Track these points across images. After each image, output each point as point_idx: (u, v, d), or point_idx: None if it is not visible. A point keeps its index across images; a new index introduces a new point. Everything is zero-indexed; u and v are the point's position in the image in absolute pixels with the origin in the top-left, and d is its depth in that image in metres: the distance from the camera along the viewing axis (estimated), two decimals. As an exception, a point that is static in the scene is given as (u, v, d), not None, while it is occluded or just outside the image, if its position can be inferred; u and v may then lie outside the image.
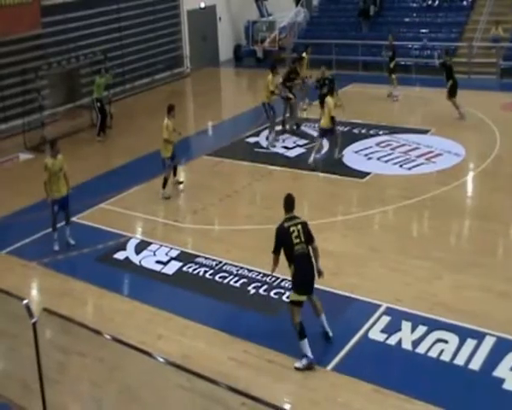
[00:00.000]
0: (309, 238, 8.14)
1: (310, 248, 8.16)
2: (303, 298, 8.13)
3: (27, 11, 18.94)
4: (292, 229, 8.08)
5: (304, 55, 19.33)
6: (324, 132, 14.93)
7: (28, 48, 19.36)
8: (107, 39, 21.81)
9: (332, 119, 14.71)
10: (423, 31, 24.27)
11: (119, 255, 11.23)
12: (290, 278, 8.35)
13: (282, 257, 10.10)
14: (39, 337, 6.89)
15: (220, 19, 27.28)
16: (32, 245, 11.92)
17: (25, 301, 6.94)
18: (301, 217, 8.44)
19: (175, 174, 14.07)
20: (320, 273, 8.34)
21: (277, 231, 8.19)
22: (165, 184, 13.52)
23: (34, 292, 10.72)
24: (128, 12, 22.78)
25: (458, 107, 17.32)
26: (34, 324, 6.81)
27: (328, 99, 14.81)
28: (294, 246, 8.01)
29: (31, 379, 7.44)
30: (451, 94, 17.34)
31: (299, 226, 8.12)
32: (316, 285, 9.54)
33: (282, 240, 8.10)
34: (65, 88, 20.25)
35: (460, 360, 7.91)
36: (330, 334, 8.46)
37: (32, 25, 19.20)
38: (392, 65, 20.10)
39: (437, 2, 24.94)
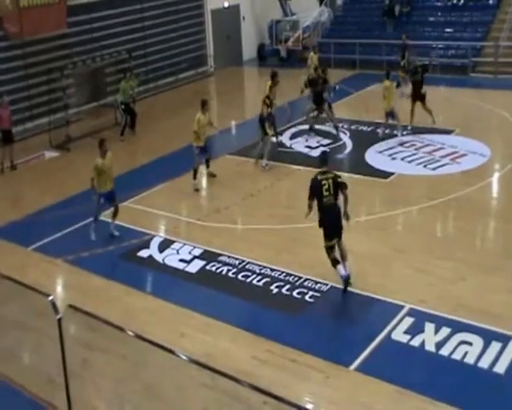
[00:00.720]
0: (341, 188, 9.37)
1: (339, 197, 9.41)
2: (333, 242, 9.46)
3: (54, 11, 19.19)
4: (323, 182, 9.28)
5: (311, 54, 19.19)
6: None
7: (54, 47, 19.58)
8: (131, 38, 21.97)
9: None
10: (448, 30, 24.08)
11: (143, 253, 11.31)
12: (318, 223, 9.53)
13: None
14: (64, 333, 6.96)
15: (244, 18, 27.32)
16: (58, 242, 12.05)
17: (50, 298, 7.02)
18: (333, 172, 9.55)
19: (207, 166, 14.39)
20: (347, 218, 9.56)
21: (311, 182, 9.40)
22: (195, 175, 13.87)
23: (59, 288, 10.84)
24: (152, 11, 22.92)
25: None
26: (59, 320, 6.88)
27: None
28: (323, 198, 9.26)
29: (55, 374, 7.54)
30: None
31: (330, 180, 9.29)
32: (340, 286, 9.60)
33: (314, 190, 9.29)
34: (89, 87, 20.45)
35: (484, 363, 7.82)
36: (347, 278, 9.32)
37: (58, 24, 19.43)
38: (402, 63, 19.99)
39: (462, 2, 24.69)
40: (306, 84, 17.34)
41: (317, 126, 17.41)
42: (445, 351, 8.10)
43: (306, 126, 17.38)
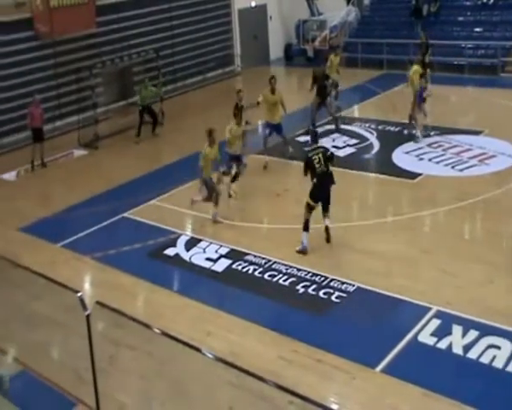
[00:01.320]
0: (330, 161, 10.97)
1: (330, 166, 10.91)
2: (315, 205, 10.90)
3: (83, 11, 19.39)
4: (314, 157, 10.79)
5: (332, 56, 19.10)
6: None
7: (83, 47, 19.79)
8: (158, 38, 22.10)
9: None
10: (477, 30, 23.82)
11: (170, 251, 11.38)
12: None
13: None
14: (91, 329, 7.04)
15: (271, 18, 27.31)
16: (86, 239, 12.19)
17: (79, 294, 7.10)
18: (324, 146, 11.41)
19: (233, 179, 13.68)
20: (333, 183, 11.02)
21: (305, 162, 10.89)
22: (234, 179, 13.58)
23: (87, 285, 10.96)
24: (179, 11, 23.03)
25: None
26: (88, 316, 6.96)
27: None
28: (316, 169, 10.75)
29: (83, 370, 7.64)
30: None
31: (320, 154, 10.83)
32: (367, 286, 9.58)
33: (309, 167, 10.79)
34: (118, 86, 20.64)
35: (513, 367, 7.75)
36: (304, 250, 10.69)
37: (87, 24, 19.64)
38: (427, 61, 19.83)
39: (492, 1, 24.38)
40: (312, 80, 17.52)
41: (345, 127, 17.37)
42: (472, 354, 8.02)
43: (332, 126, 17.34)
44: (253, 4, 26.31)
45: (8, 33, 17.91)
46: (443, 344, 8.27)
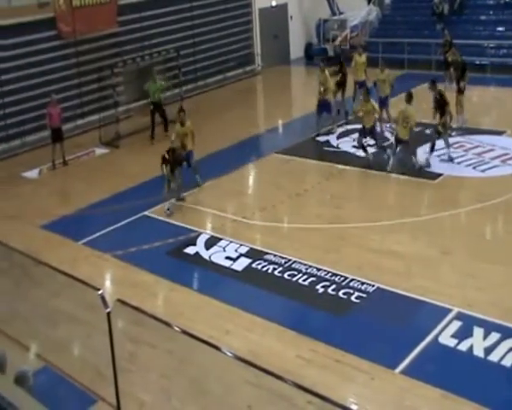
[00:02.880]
0: None
1: None
2: None
3: (105, 10, 19.54)
4: None
5: (356, 56, 19.00)
6: None
7: (105, 46, 19.91)
8: (179, 37, 22.14)
9: None
10: (500, 29, 23.59)
11: (190, 250, 11.43)
12: None
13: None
14: (112, 327, 7.09)
15: (291, 17, 27.26)
16: (107, 237, 12.27)
17: (100, 292, 7.16)
18: None
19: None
20: None
21: None
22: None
23: (108, 283, 11.04)
24: (200, 10, 23.05)
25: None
26: (108, 313, 7.01)
27: None
28: None
29: (104, 367, 7.69)
30: None
31: None
32: (386, 287, 9.54)
33: None
34: (139, 85, 20.71)
35: (535, 370, 7.68)
36: None
37: (109, 23, 19.77)
38: (450, 59, 19.67)
39: (515, 0, 24.17)
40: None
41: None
42: (494, 357, 7.96)
43: (355, 126, 17.27)
44: (274, 3, 26.29)
45: (32, 33, 18.06)
46: (464, 346, 8.21)
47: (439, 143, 14.70)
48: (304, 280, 10.06)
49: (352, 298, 9.47)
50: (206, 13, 23.26)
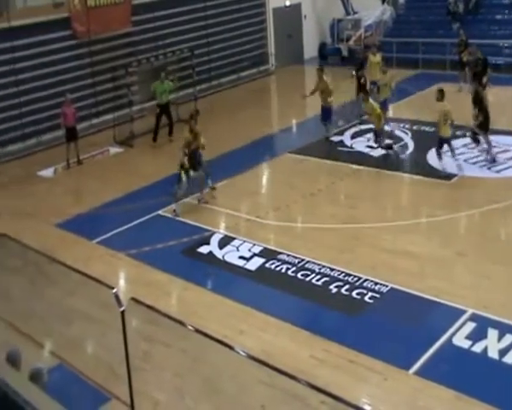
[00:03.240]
0: None
1: None
2: None
3: (119, 10, 19.63)
4: None
5: (371, 56, 18.91)
6: None
7: (119, 45, 20.00)
8: (193, 37, 22.18)
9: None
10: (516, 29, 23.43)
11: (203, 249, 11.45)
12: None
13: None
14: (126, 325, 7.12)
15: (305, 17, 27.23)
16: (121, 236, 12.34)
17: (114, 290, 7.18)
18: None
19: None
20: None
21: None
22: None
23: (122, 281, 11.09)
24: (214, 10, 23.08)
25: None
26: (122, 312, 7.04)
27: None
28: None
29: (117, 365, 7.72)
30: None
31: None
32: (400, 287, 9.51)
33: None
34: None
35: (550, 372, 7.63)
36: None
37: (123, 23, 19.86)
38: (465, 59, 19.53)
39: (531, -1, 24.00)
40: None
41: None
42: (509, 359, 7.91)
43: (369, 126, 17.22)
44: (288, 3, 26.27)
45: (47, 33, 18.18)
46: (478, 348, 8.17)
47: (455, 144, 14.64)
48: (317, 280, 10.05)
49: (366, 298, 9.45)
50: (220, 12, 23.29)
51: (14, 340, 8.51)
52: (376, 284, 9.77)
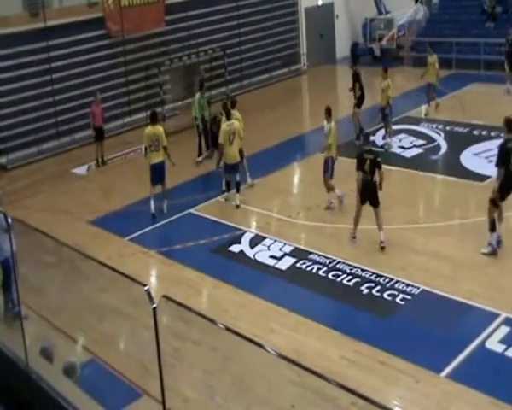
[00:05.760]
0: (376, 167, 10.90)
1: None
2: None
3: (153, 9, 19.81)
4: (366, 157, 10.90)
5: (428, 57, 18.69)
6: None
7: (152, 44, 20.16)
8: (226, 36, 22.26)
9: None
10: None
11: (234, 248, 11.49)
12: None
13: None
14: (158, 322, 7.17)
15: (337, 16, 27.13)
16: (152, 234, 12.46)
17: (146, 287, 7.24)
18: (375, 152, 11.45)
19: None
20: (380, 187, 11.02)
21: (357, 156, 11.16)
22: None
23: (153, 279, 11.19)
24: (247, 9, 23.14)
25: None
26: (154, 309, 7.09)
27: None
28: (364, 172, 10.85)
29: (148, 362, 7.79)
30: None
31: (368, 161, 10.84)
32: (432, 290, 9.42)
33: (358, 162, 10.94)
34: (185, 83, 20.91)
35: None
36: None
37: (156, 22, 20.02)
38: None
39: None
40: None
41: (412, 127, 17.09)
42: (542, 363, 7.81)
43: (401, 127, 17.09)
44: (320, 3, 26.20)
45: (81, 32, 18.43)
46: (512, 352, 8.07)
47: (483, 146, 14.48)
48: (348, 281, 10.01)
49: (397, 300, 9.39)
50: (252, 12, 23.34)
51: (48, 334, 8.65)
52: (408, 285, 9.70)
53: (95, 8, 18.82)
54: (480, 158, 14.75)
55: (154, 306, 7.02)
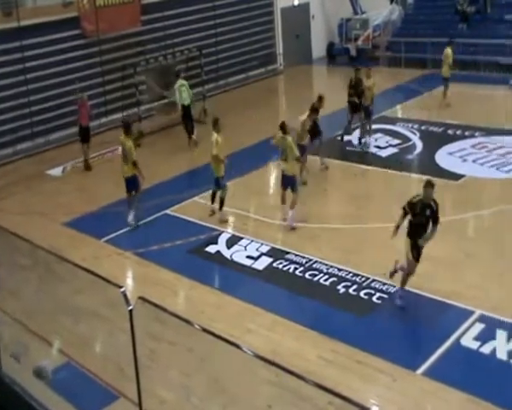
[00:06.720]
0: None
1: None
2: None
3: (128, 9, 19.69)
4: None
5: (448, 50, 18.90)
6: None
7: (128, 45, 20.03)
8: (202, 36, 22.21)
9: None
10: (525, 28, 23.31)
11: (211, 249, 11.46)
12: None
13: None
14: (134, 324, 7.12)
15: (313, 16, 27.22)
16: (128, 235, 12.36)
17: (122, 289, 7.19)
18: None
19: (213, 201, 12.70)
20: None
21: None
22: (222, 205, 12.54)
23: (129, 280, 11.11)
24: (223, 9, 23.10)
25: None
26: (131, 311, 7.04)
27: None
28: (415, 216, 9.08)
29: (125, 364, 7.73)
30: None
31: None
32: (408, 288, 9.48)
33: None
34: (161, 84, 20.79)
35: (559, 374, 7.60)
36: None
37: (132, 22, 19.92)
38: None
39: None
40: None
41: (388, 127, 17.20)
42: (517, 360, 7.90)
43: (377, 126, 17.17)
44: (296, 3, 26.26)
45: (56, 32, 18.25)
46: (486, 349, 8.15)
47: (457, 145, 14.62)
48: (325, 280, 10.04)
49: (374, 298, 9.43)
50: (229, 12, 23.32)
51: (22, 337, 8.55)
52: (384, 284, 9.75)
53: (70, 7, 18.65)
54: (455, 157, 14.91)
55: (131, 308, 7.00)
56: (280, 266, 10.60)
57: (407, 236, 9.17)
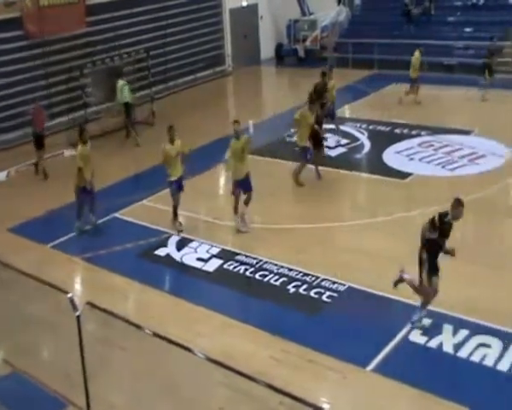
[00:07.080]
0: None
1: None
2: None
3: (73, 10, 19.38)
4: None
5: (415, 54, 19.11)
6: None
7: (73, 46, 19.69)
8: (150, 37, 22.03)
9: None
10: (468, 30, 23.91)
11: (161, 252, 11.35)
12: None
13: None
14: (82, 330, 7.01)
15: (262, 17, 27.30)
16: (76, 240, 12.14)
17: (69, 295, 7.06)
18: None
19: (175, 214, 12.14)
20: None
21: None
22: (175, 214, 12.14)
23: (77, 286, 10.92)
24: (171, 10, 22.95)
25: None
26: (78, 317, 6.93)
27: None
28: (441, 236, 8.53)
29: (73, 371, 7.59)
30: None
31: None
32: (358, 286, 9.59)
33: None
34: (108, 86, 20.51)
35: (504, 366, 7.78)
36: None
37: (77, 24, 19.60)
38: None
39: (482, 1, 24.52)
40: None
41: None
42: (463, 353, 8.07)
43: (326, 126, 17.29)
44: (244, 4, 26.30)
45: (-2, 32, 17.84)
46: (433, 343, 8.30)
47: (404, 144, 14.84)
48: (275, 280, 10.06)
49: (324, 297, 9.50)
50: (177, 13, 23.19)
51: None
52: (334, 283, 9.83)
53: (12, 7, 18.21)
54: (402, 156, 15.16)
55: (78, 313, 6.88)
56: (230, 268, 10.58)
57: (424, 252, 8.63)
